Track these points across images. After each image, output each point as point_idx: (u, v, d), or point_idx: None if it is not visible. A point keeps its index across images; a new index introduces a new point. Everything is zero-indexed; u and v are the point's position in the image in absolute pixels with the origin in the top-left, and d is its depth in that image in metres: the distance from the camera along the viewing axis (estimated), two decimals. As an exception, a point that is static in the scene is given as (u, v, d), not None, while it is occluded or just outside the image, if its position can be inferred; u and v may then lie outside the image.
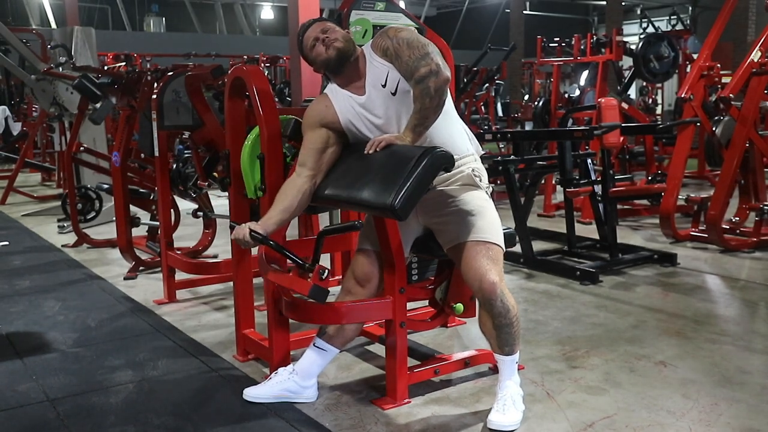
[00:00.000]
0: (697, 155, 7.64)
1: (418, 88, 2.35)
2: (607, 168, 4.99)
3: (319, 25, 2.52)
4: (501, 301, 2.41)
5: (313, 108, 2.58)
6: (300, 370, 2.68)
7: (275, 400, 2.67)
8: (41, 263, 5.16)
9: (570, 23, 23.98)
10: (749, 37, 14.42)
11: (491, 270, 2.40)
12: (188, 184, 4.34)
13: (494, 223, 2.50)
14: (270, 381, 2.72)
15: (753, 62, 5.19)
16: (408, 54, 2.39)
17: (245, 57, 13.43)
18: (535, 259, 4.73)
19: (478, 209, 2.48)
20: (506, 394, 2.52)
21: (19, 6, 20.78)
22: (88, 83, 4.93)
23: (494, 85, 11.08)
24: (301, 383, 2.67)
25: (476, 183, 2.52)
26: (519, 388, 2.57)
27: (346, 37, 2.51)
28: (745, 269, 4.70)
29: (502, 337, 2.48)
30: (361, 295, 2.63)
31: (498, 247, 2.47)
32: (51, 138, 9.74)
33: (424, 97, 2.34)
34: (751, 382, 2.82)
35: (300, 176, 2.51)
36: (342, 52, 2.47)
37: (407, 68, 2.39)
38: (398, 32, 2.46)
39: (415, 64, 2.37)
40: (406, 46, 2.40)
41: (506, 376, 2.55)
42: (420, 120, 2.36)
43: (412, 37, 2.44)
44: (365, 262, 2.63)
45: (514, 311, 2.46)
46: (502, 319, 2.44)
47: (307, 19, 2.67)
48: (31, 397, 2.79)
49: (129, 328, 3.64)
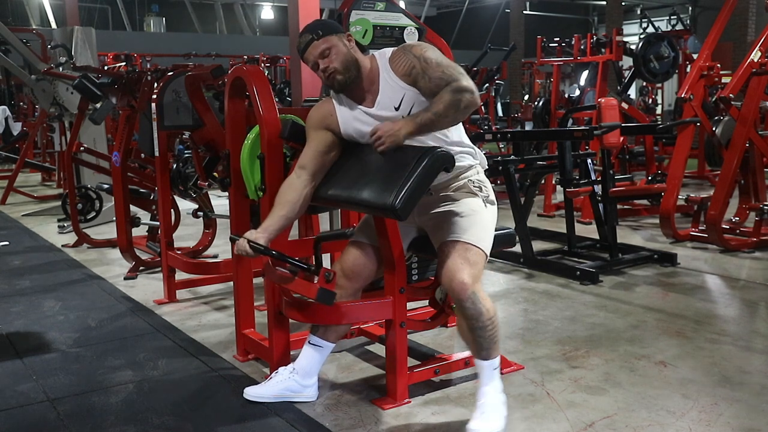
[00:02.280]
0: (697, 155, 7.65)
1: (450, 96, 2.27)
2: (607, 168, 4.99)
3: (314, 48, 2.39)
4: (472, 302, 2.33)
5: (318, 110, 2.54)
6: (300, 368, 2.68)
7: (276, 400, 2.67)
8: (41, 263, 5.16)
9: (570, 23, 23.99)
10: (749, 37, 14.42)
11: (464, 270, 2.33)
12: (188, 184, 4.34)
13: (481, 227, 2.43)
14: (271, 381, 2.71)
15: (753, 62, 5.19)
16: (440, 71, 2.31)
17: (245, 57, 13.42)
18: (535, 259, 4.73)
19: (467, 212, 2.44)
20: (485, 401, 2.44)
21: (19, 6, 20.78)
22: (89, 83, 4.93)
23: (494, 85, 11.06)
24: (302, 382, 2.67)
25: (473, 191, 2.49)
26: (500, 394, 2.48)
27: (346, 61, 2.39)
28: (745, 269, 4.70)
29: (476, 340, 2.40)
30: (347, 289, 2.57)
31: (478, 249, 2.39)
32: (51, 138, 9.75)
33: (450, 107, 2.27)
34: (751, 381, 2.82)
35: (299, 178, 2.48)
36: (344, 83, 2.40)
37: (439, 82, 2.30)
38: (425, 51, 2.36)
39: (454, 77, 2.29)
40: (435, 64, 2.33)
41: (484, 382, 2.46)
42: (431, 123, 2.29)
43: (440, 56, 2.37)
44: (357, 255, 2.59)
45: (488, 315, 2.36)
46: (474, 322, 2.36)
47: (307, 20, 2.66)
48: (31, 397, 2.79)
49: (129, 328, 3.64)
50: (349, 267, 2.58)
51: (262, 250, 2.40)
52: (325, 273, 2.30)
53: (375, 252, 2.60)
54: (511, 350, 3.20)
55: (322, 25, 2.44)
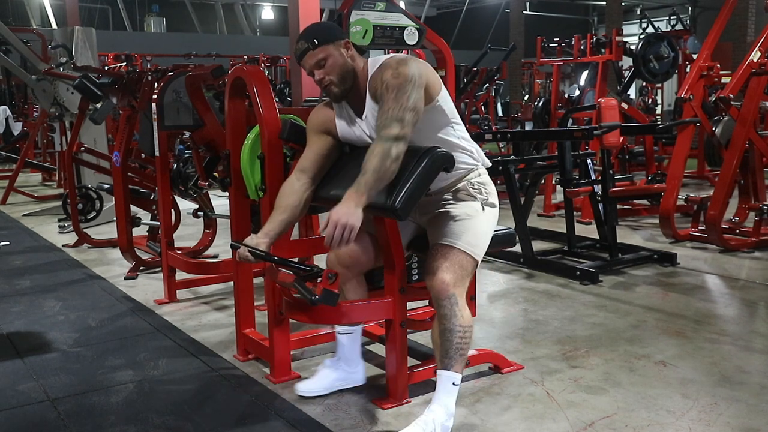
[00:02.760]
0: (697, 155, 7.65)
1: (380, 147, 2.18)
2: (606, 168, 5.00)
3: (310, 57, 2.33)
4: (449, 302, 2.29)
5: (318, 114, 2.53)
6: (343, 357, 2.73)
7: (329, 391, 2.72)
8: (42, 263, 5.17)
9: (570, 23, 23.97)
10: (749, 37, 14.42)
11: (447, 271, 2.30)
12: (189, 184, 4.34)
13: (474, 233, 2.39)
14: (319, 374, 2.76)
15: (752, 62, 5.20)
16: (387, 108, 2.22)
17: (245, 57, 13.43)
18: (535, 258, 4.74)
19: (462, 216, 2.42)
20: (428, 418, 2.32)
21: (19, 6, 20.78)
22: (89, 83, 4.93)
23: (494, 85, 11.08)
24: (349, 369, 2.75)
25: (472, 194, 2.46)
26: (449, 418, 2.35)
27: (342, 72, 2.33)
28: (744, 269, 4.70)
29: (443, 344, 2.33)
30: (342, 277, 2.53)
31: (467, 255, 2.36)
32: (52, 138, 9.75)
33: (382, 159, 2.17)
34: (751, 381, 2.83)
35: (300, 181, 2.46)
36: (340, 95, 2.38)
37: (380, 122, 2.24)
38: (392, 77, 2.24)
39: (388, 123, 2.20)
40: (390, 97, 2.22)
41: (437, 398, 2.36)
42: (375, 181, 2.17)
43: (405, 86, 2.22)
44: (358, 240, 2.51)
45: (462, 322, 2.31)
46: (446, 323, 2.30)
47: (307, 20, 2.65)
48: (31, 396, 2.79)
49: (129, 328, 3.64)
50: (344, 255, 2.56)
51: (263, 256, 2.39)
52: (328, 274, 2.30)
53: (371, 240, 2.58)
54: (511, 350, 3.20)
55: (318, 33, 2.36)
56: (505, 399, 2.71)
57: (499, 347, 3.21)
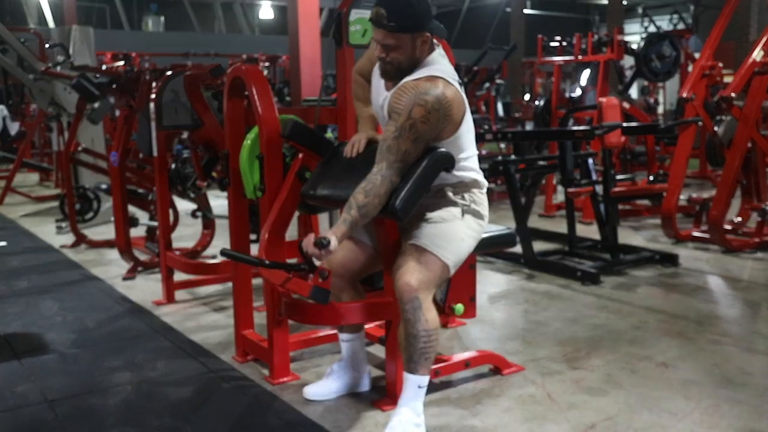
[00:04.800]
0: (699, 155, 7.62)
1: (363, 183, 2.25)
2: (608, 168, 4.98)
3: (384, 36, 2.27)
4: (412, 306, 2.26)
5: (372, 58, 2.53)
6: (350, 362, 2.73)
7: (336, 395, 2.71)
8: (39, 264, 5.14)
9: (571, 22, 23.95)
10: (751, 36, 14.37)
11: (413, 272, 2.27)
12: (187, 184, 4.33)
13: (445, 237, 2.36)
14: (328, 378, 2.75)
15: (755, 62, 5.18)
16: (386, 135, 2.27)
17: (244, 56, 13.39)
18: (536, 259, 4.71)
19: (436, 219, 2.39)
20: (396, 421, 2.33)
21: (16, 5, 20.75)
22: (87, 83, 4.91)
23: (495, 85, 11.05)
24: (356, 374, 2.74)
25: (452, 199, 2.42)
26: (418, 418, 2.35)
27: (406, 63, 2.30)
28: (747, 270, 4.69)
29: (407, 348, 2.32)
30: (335, 285, 2.51)
31: (435, 257, 2.32)
32: (49, 138, 9.72)
33: (374, 197, 2.24)
34: (753, 383, 2.81)
35: (362, 77, 2.63)
36: (390, 77, 2.36)
37: (380, 144, 2.30)
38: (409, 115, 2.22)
39: (384, 153, 2.25)
40: (390, 131, 2.25)
41: (404, 400, 2.36)
42: (362, 216, 2.25)
43: (402, 125, 2.23)
44: (350, 249, 2.55)
45: (425, 326, 2.28)
46: (410, 328, 2.28)
47: (306, 19, 2.65)
48: (29, 398, 2.77)
49: (127, 329, 3.62)
50: (338, 262, 2.54)
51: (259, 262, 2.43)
52: (320, 271, 2.29)
53: (365, 247, 2.57)
54: (512, 351, 3.18)
55: (404, 17, 2.24)
56: (505, 400, 2.69)
57: (500, 348, 3.18)
